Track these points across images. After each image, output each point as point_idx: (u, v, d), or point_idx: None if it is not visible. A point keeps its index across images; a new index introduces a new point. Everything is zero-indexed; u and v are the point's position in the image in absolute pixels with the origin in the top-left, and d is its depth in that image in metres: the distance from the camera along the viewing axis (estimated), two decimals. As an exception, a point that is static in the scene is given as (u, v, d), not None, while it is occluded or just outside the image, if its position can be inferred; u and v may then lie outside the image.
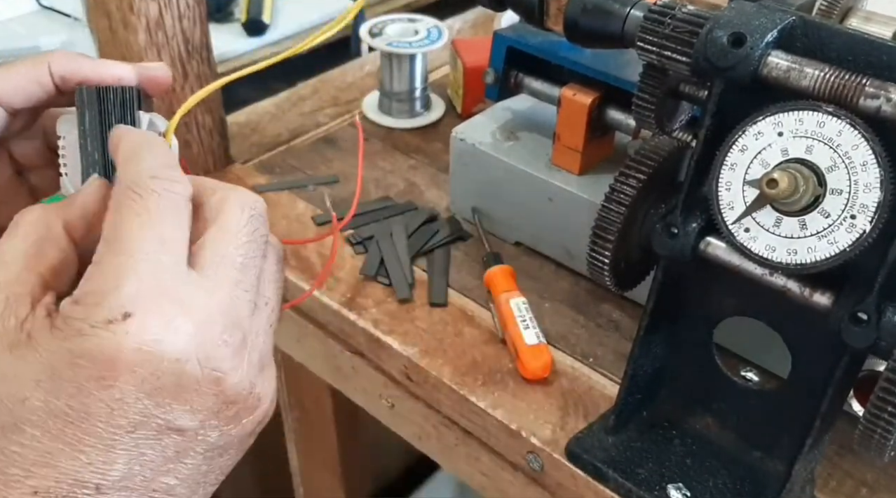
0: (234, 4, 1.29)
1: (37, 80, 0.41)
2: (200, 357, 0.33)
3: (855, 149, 0.39)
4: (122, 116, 0.40)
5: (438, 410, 0.60)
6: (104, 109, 0.40)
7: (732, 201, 0.43)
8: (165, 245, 0.33)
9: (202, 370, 0.33)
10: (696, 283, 0.50)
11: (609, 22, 0.50)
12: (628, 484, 0.50)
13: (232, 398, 0.34)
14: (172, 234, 0.34)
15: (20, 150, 0.45)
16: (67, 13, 1.23)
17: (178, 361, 0.32)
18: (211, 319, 0.33)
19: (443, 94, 0.88)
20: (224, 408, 0.34)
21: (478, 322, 0.63)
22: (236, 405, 0.34)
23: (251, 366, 0.35)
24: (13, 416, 0.31)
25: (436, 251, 0.68)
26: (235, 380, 0.34)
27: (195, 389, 0.33)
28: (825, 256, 0.41)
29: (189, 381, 0.32)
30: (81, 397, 0.31)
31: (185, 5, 0.67)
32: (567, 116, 0.63)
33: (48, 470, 0.31)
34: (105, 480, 0.31)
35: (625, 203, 0.48)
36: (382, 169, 0.78)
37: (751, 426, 0.52)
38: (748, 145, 0.42)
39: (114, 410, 0.31)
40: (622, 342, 0.61)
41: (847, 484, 0.52)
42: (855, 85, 0.40)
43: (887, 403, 0.40)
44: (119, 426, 0.31)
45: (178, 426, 0.33)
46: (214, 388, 0.33)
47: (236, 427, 0.35)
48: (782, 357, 0.49)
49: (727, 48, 0.41)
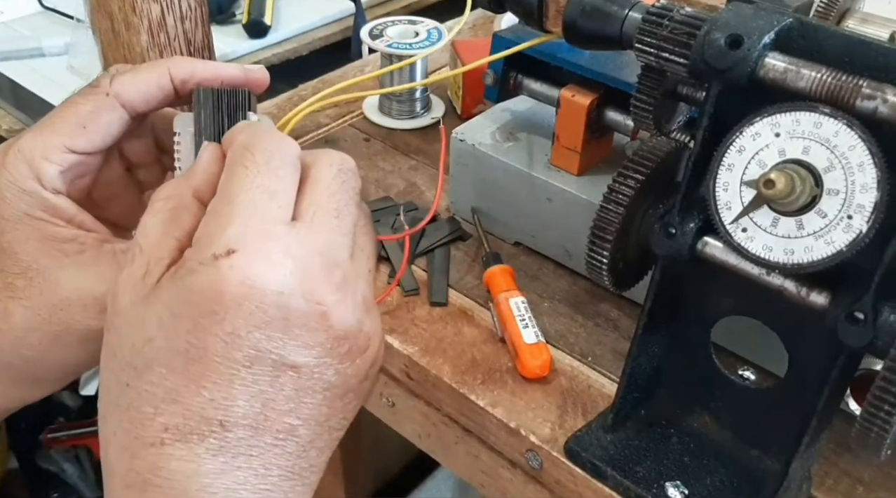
0: (235, 6, 1.29)
1: (159, 85, 0.43)
2: (304, 291, 0.34)
3: (852, 149, 0.40)
4: (235, 115, 0.42)
5: (438, 408, 0.61)
6: (219, 108, 0.42)
7: (730, 202, 0.43)
8: (272, 196, 0.35)
9: (307, 304, 0.34)
10: (693, 282, 0.50)
11: (607, 23, 0.50)
12: (626, 482, 0.51)
13: (341, 334, 0.35)
14: (280, 186, 0.35)
15: (131, 148, 0.47)
16: (70, 14, 1.23)
17: (281, 294, 0.33)
18: (311, 258, 0.34)
19: (443, 96, 0.88)
20: (335, 344, 0.35)
21: (477, 321, 0.63)
22: (347, 341, 0.35)
23: (356, 304, 0.36)
24: (143, 356, 0.33)
25: (436, 251, 0.69)
26: (341, 314, 0.35)
27: (303, 324, 0.34)
28: (822, 255, 0.41)
29: (296, 315, 0.33)
30: (198, 333, 0.33)
31: (187, 7, 0.67)
32: (566, 117, 0.63)
33: (176, 407, 0.32)
34: (228, 416, 0.33)
35: (623, 203, 0.48)
36: (383, 169, 0.79)
37: (748, 425, 0.52)
38: (745, 146, 0.42)
39: (228, 344, 0.32)
40: (620, 341, 0.61)
41: (844, 482, 0.53)
42: (852, 86, 0.40)
43: (883, 401, 0.40)
44: (235, 361, 0.33)
45: (293, 362, 0.34)
46: (322, 322, 0.34)
47: (351, 366, 0.35)
48: (779, 356, 0.49)
49: (725, 50, 0.42)
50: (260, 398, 0.33)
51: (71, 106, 0.42)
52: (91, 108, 0.42)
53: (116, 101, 0.42)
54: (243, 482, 0.33)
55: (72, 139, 0.42)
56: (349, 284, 0.36)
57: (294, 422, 0.34)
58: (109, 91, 0.42)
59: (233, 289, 0.32)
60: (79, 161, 0.42)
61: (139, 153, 0.47)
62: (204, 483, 0.32)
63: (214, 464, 0.32)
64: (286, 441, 0.34)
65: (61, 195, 0.42)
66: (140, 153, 0.47)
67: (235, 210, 0.34)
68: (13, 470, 1.46)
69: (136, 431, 0.33)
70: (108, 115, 0.42)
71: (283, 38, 1.25)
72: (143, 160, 0.48)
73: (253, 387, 0.33)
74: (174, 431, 0.32)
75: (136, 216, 0.48)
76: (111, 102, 0.42)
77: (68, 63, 1.15)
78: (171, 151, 0.46)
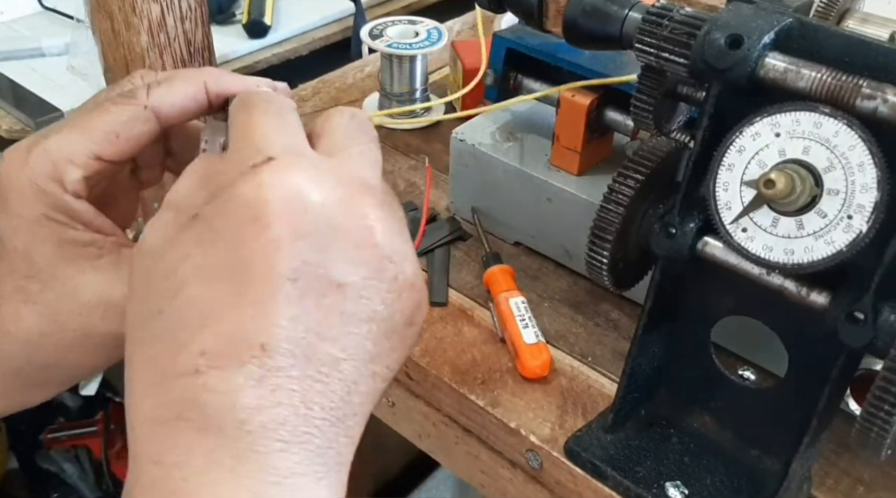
0: (235, 6, 1.29)
1: (195, 99, 0.42)
2: (347, 204, 0.32)
3: (852, 149, 0.40)
4: None
5: (438, 408, 0.61)
6: None
7: (730, 202, 0.43)
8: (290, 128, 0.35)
9: (352, 217, 0.32)
10: (693, 282, 0.50)
11: (607, 23, 0.50)
12: (626, 482, 0.51)
13: (388, 254, 0.33)
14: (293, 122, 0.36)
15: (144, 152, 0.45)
16: (70, 14, 1.23)
17: (324, 204, 0.32)
18: (346, 178, 0.33)
19: (442, 95, 0.88)
20: (382, 266, 0.33)
21: (477, 321, 0.63)
22: (393, 266, 0.33)
23: (399, 230, 0.34)
24: (178, 277, 0.31)
25: (436, 251, 0.69)
26: (386, 232, 0.33)
27: (350, 237, 0.32)
28: (822, 255, 0.41)
29: (341, 225, 0.32)
30: (240, 242, 0.31)
31: (187, 7, 0.67)
32: (566, 117, 0.63)
33: (213, 328, 0.30)
34: (270, 338, 0.30)
35: (623, 203, 0.48)
36: (383, 169, 0.78)
37: (748, 425, 0.52)
38: (745, 146, 0.42)
39: (272, 254, 0.31)
40: (620, 341, 0.61)
41: (844, 482, 0.53)
42: (852, 86, 0.40)
43: (884, 401, 0.40)
44: (279, 273, 0.31)
45: (340, 280, 0.32)
46: (368, 238, 0.33)
47: (397, 299, 0.34)
48: (779, 356, 0.50)
49: (725, 50, 0.42)
50: (303, 321, 0.31)
51: (105, 112, 0.41)
52: (126, 118, 0.40)
53: (153, 114, 0.41)
54: (283, 421, 0.30)
55: (101, 147, 0.40)
56: (390, 208, 0.35)
57: (338, 353, 0.32)
58: (147, 104, 0.41)
59: (276, 194, 0.31)
60: (104, 169, 0.41)
61: (148, 156, 0.46)
62: (240, 419, 0.29)
63: (252, 397, 0.30)
64: (330, 376, 0.31)
65: (82, 199, 0.40)
66: (149, 156, 0.46)
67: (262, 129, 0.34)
68: (13, 470, 1.46)
69: (168, 362, 0.30)
70: (143, 127, 0.41)
71: (283, 38, 1.25)
72: (149, 161, 0.47)
73: (297, 305, 0.31)
74: (211, 356, 0.30)
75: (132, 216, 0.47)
76: (148, 115, 0.41)
77: (68, 63, 1.15)
78: (176, 155, 0.45)
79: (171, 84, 0.42)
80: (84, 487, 1.45)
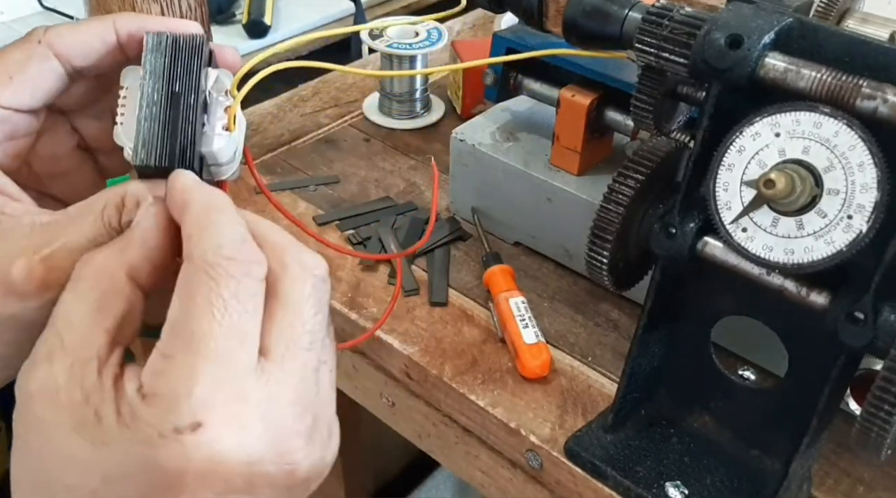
0: (235, 6, 1.29)
1: (101, 37, 0.38)
2: (273, 455, 0.31)
3: (852, 149, 0.40)
4: (190, 66, 0.37)
5: (438, 408, 0.61)
6: (174, 58, 0.37)
7: (730, 201, 0.43)
8: (241, 342, 0.31)
9: (276, 467, 0.31)
10: (693, 282, 0.50)
11: (607, 23, 0.50)
12: (627, 482, 0.51)
13: (304, 478, 0.33)
14: (248, 326, 0.31)
15: (87, 128, 0.43)
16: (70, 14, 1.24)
17: (249, 464, 0.30)
18: (283, 413, 0.32)
19: (443, 95, 0.88)
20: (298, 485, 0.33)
21: (477, 321, 0.63)
22: (309, 481, 0.33)
23: (322, 442, 0.34)
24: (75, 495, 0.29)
25: (436, 251, 0.69)
26: (308, 465, 0.33)
27: (269, 484, 0.31)
28: (822, 255, 0.41)
29: (261, 479, 0.31)
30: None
31: (186, 7, 0.67)
32: (566, 117, 0.63)
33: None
34: None
35: (623, 203, 0.48)
36: (383, 169, 0.79)
37: (748, 425, 0.52)
38: (745, 146, 0.42)
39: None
40: (621, 341, 0.61)
41: (844, 482, 0.53)
42: (852, 86, 0.40)
43: (884, 401, 0.40)
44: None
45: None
46: (288, 480, 0.32)
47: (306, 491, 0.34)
48: (779, 356, 0.50)
49: (725, 50, 0.42)
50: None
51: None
52: (19, 57, 0.37)
53: (49, 50, 0.37)
54: None
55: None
56: (318, 423, 0.33)
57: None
58: (42, 39, 0.37)
59: (197, 466, 0.29)
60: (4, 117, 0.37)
61: (96, 135, 0.43)
62: None
63: None
64: None
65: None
66: (98, 136, 0.43)
67: (200, 364, 0.30)
68: (13, 470, 1.46)
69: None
70: (39, 65, 0.37)
71: (283, 38, 1.25)
72: (102, 144, 0.43)
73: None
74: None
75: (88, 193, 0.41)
76: (43, 51, 0.37)
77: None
78: None
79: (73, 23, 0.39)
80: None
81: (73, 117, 0.42)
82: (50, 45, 0.37)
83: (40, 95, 0.38)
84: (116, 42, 0.38)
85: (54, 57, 0.38)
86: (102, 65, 0.39)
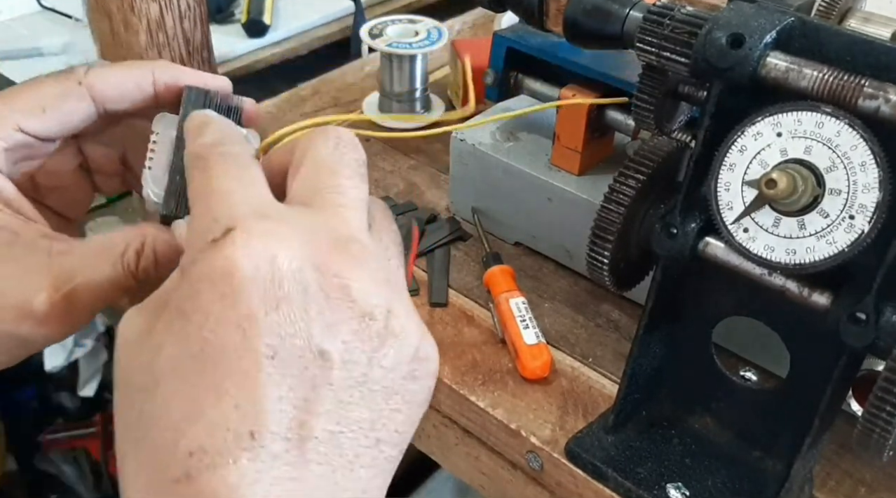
0: (234, 5, 1.29)
1: (137, 84, 0.40)
2: (317, 263, 0.30)
3: (854, 149, 0.39)
4: None
5: (438, 409, 0.60)
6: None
7: (731, 201, 0.43)
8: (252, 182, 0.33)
9: (323, 277, 0.30)
10: (695, 283, 0.50)
11: (608, 23, 0.50)
12: (627, 483, 0.51)
13: (367, 310, 0.30)
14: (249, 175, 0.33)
15: (93, 152, 0.45)
16: (69, 14, 1.24)
17: (292, 269, 0.29)
18: (317, 232, 0.31)
19: (443, 95, 0.88)
20: (363, 325, 0.30)
21: (478, 322, 0.63)
22: (375, 322, 0.31)
23: (378, 281, 0.31)
24: (153, 372, 0.29)
25: (436, 251, 0.68)
26: (363, 287, 0.30)
27: (324, 298, 0.30)
28: (824, 256, 0.41)
29: (314, 288, 0.30)
30: (211, 326, 0.29)
31: (185, 6, 0.67)
32: (566, 117, 0.63)
33: (198, 424, 0.28)
34: (258, 424, 0.28)
35: (624, 203, 0.48)
36: (382, 169, 0.78)
37: (750, 426, 0.52)
38: (747, 146, 0.42)
39: (246, 331, 0.28)
40: (621, 342, 0.61)
41: (846, 483, 0.53)
42: (853, 85, 0.40)
43: (885, 402, 0.40)
44: (256, 352, 0.28)
45: (320, 347, 0.29)
46: (343, 296, 0.30)
47: (387, 357, 0.31)
48: (781, 357, 0.49)
49: (726, 49, 0.42)
50: (290, 399, 0.29)
51: (36, 85, 0.40)
52: (57, 92, 0.39)
53: (87, 91, 0.39)
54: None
55: (25, 118, 0.39)
56: (368, 259, 0.32)
57: (333, 427, 0.29)
58: (83, 80, 0.39)
59: (240, 264, 0.29)
60: (27, 142, 0.39)
61: (100, 160, 0.45)
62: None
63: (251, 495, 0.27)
64: (329, 455, 0.29)
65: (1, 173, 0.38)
66: (101, 160, 0.45)
67: (219, 194, 0.32)
68: (12, 472, 1.46)
69: (159, 467, 0.28)
70: (74, 103, 0.40)
71: (283, 38, 1.25)
72: (103, 168, 0.45)
73: (280, 384, 0.28)
74: (200, 456, 0.27)
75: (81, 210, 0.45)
76: (81, 91, 0.39)
77: (67, 63, 1.15)
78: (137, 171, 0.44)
79: (113, 66, 0.41)
80: (83, 488, 1.44)
81: (82, 141, 0.44)
82: (90, 88, 0.40)
83: (68, 129, 0.40)
84: (152, 90, 0.40)
85: (90, 98, 0.40)
86: (133, 109, 0.41)
